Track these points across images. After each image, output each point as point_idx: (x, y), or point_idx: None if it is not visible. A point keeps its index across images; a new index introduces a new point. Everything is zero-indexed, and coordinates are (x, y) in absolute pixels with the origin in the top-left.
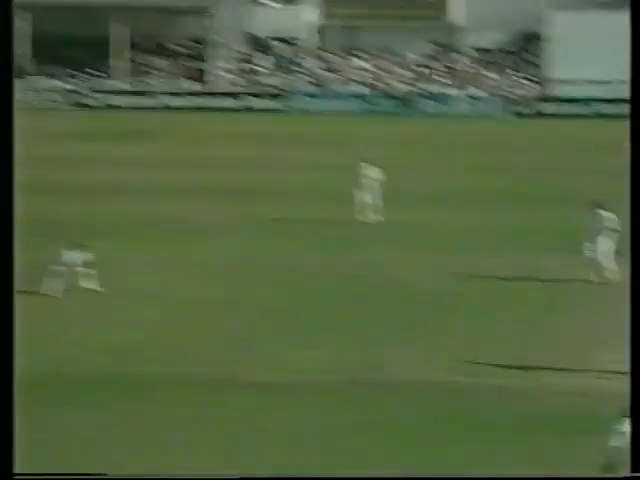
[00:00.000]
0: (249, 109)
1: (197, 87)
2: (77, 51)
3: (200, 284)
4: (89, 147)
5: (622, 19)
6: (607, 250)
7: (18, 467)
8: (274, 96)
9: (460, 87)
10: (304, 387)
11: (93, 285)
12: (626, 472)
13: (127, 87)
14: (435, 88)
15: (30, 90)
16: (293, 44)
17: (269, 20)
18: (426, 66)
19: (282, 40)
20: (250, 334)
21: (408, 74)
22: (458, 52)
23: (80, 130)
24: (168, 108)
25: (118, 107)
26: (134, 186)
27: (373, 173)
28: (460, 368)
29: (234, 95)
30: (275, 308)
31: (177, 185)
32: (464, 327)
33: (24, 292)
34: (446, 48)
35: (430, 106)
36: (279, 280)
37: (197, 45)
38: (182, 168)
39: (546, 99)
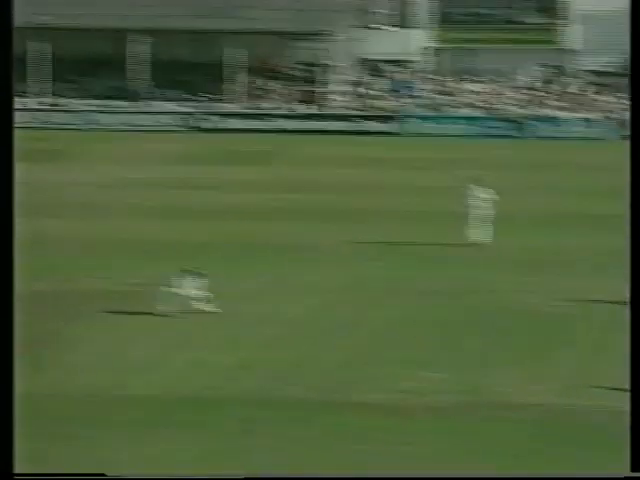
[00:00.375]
0: (362, 132)
1: (311, 110)
2: (193, 75)
3: (312, 305)
4: (202, 169)
5: None
6: None
7: (18, 467)
8: (387, 119)
9: (573, 110)
10: (417, 408)
11: (209, 306)
12: (626, 472)
13: (241, 110)
14: (548, 111)
15: (146, 113)
16: (406, 67)
17: (382, 43)
18: (539, 89)
19: (395, 63)
20: (363, 355)
21: (521, 97)
22: (572, 75)
23: (194, 153)
24: (281, 131)
25: (232, 130)
26: (245, 208)
27: (485, 195)
28: (573, 391)
29: (347, 118)
30: (387, 329)
31: (288, 207)
32: (576, 349)
33: (142, 313)
34: (560, 71)
35: (543, 129)
36: (391, 301)
37: (311, 68)
38: (294, 190)
39: None
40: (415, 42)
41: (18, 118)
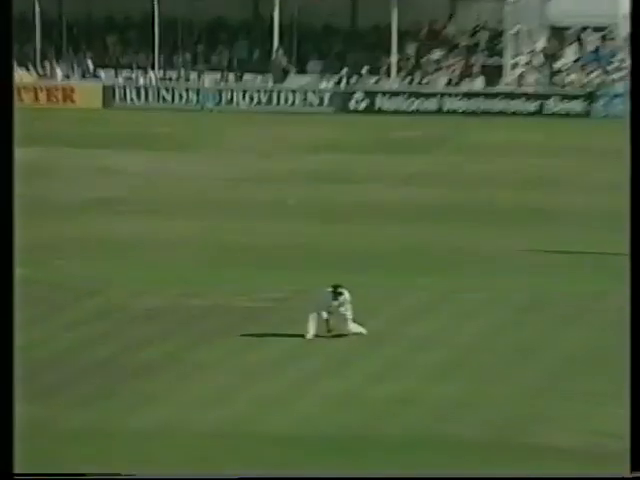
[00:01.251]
0: (547, 114)
1: (486, 87)
2: (343, 44)
3: (482, 326)
4: (354, 159)
5: None
6: None
7: (18, 467)
8: (579, 97)
9: None
10: (613, 454)
11: (359, 328)
12: (626, 472)
13: (401, 88)
14: None
15: (288, 91)
16: (605, 34)
17: (576, 5)
18: None
19: (592, 29)
20: (544, 388)
21: None
22: None
23: (345, 139)
24: (450, 112)
25: (390, 112)
26: (401, 207)
27: None
28: None
29: (530, 96)
30: (572, 357)
31: (453, 206)
32: None
33: (282, 335)
34: None
35: None
36: (575, 323)
37: (486, 36)
38: (461, 186)
39: None
40: (617, 3)
41: (135, 96)
